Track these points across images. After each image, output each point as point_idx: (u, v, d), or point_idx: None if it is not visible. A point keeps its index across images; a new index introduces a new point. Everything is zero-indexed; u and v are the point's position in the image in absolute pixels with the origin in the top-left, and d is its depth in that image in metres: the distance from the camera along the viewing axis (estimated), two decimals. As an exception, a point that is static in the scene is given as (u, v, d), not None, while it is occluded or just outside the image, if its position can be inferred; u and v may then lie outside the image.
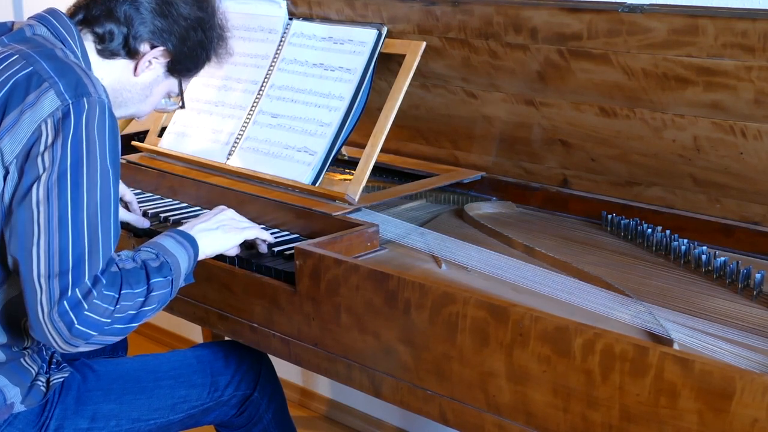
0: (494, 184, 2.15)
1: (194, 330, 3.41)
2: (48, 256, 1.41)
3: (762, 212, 1.76)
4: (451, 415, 1.52)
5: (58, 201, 1.42)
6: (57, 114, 1.45)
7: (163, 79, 1.70)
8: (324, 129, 2.07)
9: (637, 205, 1.93)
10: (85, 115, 1.46)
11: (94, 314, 1.41)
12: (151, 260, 1.53)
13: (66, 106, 1.45)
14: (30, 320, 1.43)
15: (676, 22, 1.61)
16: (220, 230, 1.72)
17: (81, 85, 1.48)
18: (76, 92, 1.47)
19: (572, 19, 1.74)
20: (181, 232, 1.64)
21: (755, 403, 1.17)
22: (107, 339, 1.45)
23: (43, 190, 1.42)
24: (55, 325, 1.40)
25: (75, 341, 1.42)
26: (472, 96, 2.05)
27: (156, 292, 1.50)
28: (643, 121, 1.80)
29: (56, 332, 1.41)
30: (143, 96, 1.70)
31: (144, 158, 2.40)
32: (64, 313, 1.40)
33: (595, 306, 1.54)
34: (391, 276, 1.54)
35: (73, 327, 1.40)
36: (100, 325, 1.42)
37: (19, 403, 1.59)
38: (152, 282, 1.49)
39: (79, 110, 1.46)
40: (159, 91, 1.72)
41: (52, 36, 1.60)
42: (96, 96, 1.48)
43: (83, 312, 1.41)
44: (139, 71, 1.66)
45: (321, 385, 3.10)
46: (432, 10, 1.96)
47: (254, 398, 1.91)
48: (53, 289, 1.40)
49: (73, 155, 1.43)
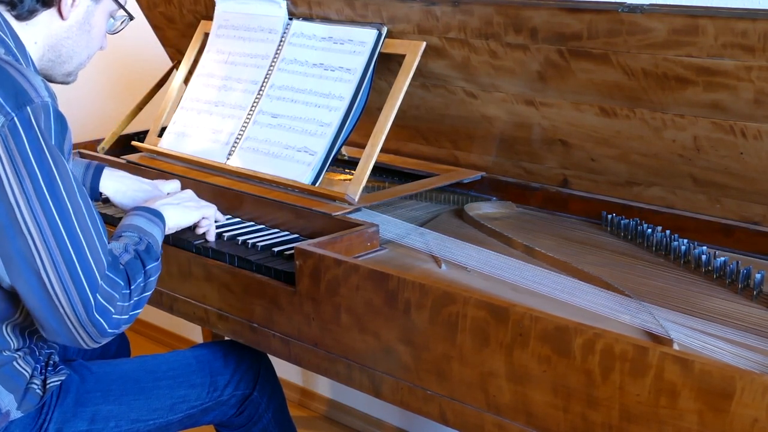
0: (494, 184, 2.15)
1: (194, 330, 3.41)
2: (57, 274, 1.42)
3: (762, 212, 1.76)
4: (451, 415, 1.52)
5: (47, 220, 1.41)
6: (3, 132, 1.38)
7: (95, 6, 1.61)
8: (324, 129, 2.07)
9: (637, 205, 1.93)
10: (34, 125, 1.40)
11: (118, 315, 1.48)
12: (138, 245, 1.57)
13: (11, 121, 1.39)
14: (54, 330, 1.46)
15: (676, 22, 1.61)
16: (181, 206, 1.79)
17: (21, 92, 1.41)
18: (17, 102, 1.40)
19: (572, 19, 1.74)
20: (149, 209, 1.69)
21: (755, 403, 1.17)
22: (122, 330, 1.51)
23: (29, 216, 1.41)
24: (87, 331, 1.46)
25: (102, 339, 1.49)
26: (472, 96, 2.05)
27: (152, 276, 1.57)
28: (643, 121, 1.80)
29: (88, 337, 1.47)
30: (85, 33, 1.61)
31: (144, 158, 2.40)
32: (96, 322, 1.45)
33: (595, 306, 1.54)
34: (391, 276, 1.54)
35: (105, 331, 1.47)
36: (122, 321, 1.49)
37: (15, 410, 1.58)
38: (147, 268, 1.55)
39: (26, 122, 1.40)
40: (98, 20, 1.63)
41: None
42: (39, 100, 1.42)
43: (112, 317, 1.47)
44: (65, 13, 1.57)
45: (321, 385, 3.11)
46: (432, 10, 1.96)
47: (254, 398, 1.91)
48: (75, 304, 1.43)
49: (41, 171, 1.40)
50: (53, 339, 1.49)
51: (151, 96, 2.65)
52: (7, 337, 1.58)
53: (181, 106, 2.41)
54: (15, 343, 1.60)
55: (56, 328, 1.45)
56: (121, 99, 3.34)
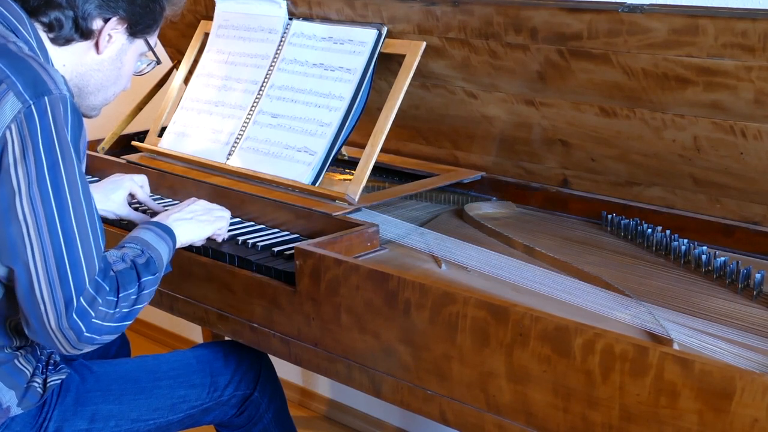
0: (494, 184, 2.15)
1: (194, 330, 3.41)
2: (45, 267, 1.40)
3: (762, 212, 1.76)
4: (451, 415, 1.52)
5: (44, 210, 1.40)
6: (20, 118, 1.39)
7: (129, 45, 1.63)
8: (324, 129, 2.07)
9: (637, 205, 1.93)
10: (49, 115, 1.40)
11: (99, 320, 1.43)
12: (138, 257, 1.54)
13: (28, 108, 1.39)
14: (34, 328, 1.44)
15: (676, 22, 1.61)
16: (194, 221, 1.74)
17: (40, 83, 1.42)
18: (35, 91, 1.41)
19: (572, 19, 1.74)
20: (159, 224, 1.64)
21: (755, 403, 1.17)
22: (105, 339, 1.46)
23: (27, 203, 1.39)
24: (64, 334, 1.42)
25: (82, 346, 1.44)
26: (472, 96, 2.05)
27: (146, 290, 1.52)
28: (643, 121, 1.80)
29: (65, 340, 1.42)
30: (116, 69, 1.64)
31: (144, 158, 2.39)
32: (74, 323, 1.41)
33: (595, 306, 1.54)
34: (391, 276, 1.54)
35: (82, 335, 1.42)
36: (104, 329, 1.45)
37: (15, 407, 1.58)
38: (143, 281, 1.51)
39: (42, 111, 1.40)
40: (129, 59, 1.65)
41: (2, 26, 1.51)
42: (57, 92, 1.42)
43: (91, 320, 1.42)
44: (102, 48, 1.59)
45: (321, 385, 3.11)
46: (432, 10, 1.96)
47: (254, 398, 1.91)
48: (58, 301, 1.40)
49: (48, 160, 1.40)
50: (34, 338, 1.46)
51: (151, 96, 2.65)
52: (10, 334, 1.58)
53: (181, 106, 2.41)
54: (17, 341, 1.60)
55: (36, 326, 1.42)
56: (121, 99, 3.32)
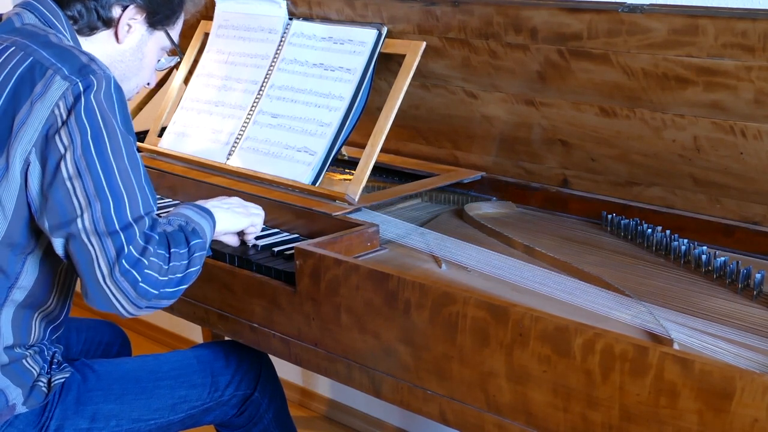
0: (494, 184, 2.16)
1: (194, 330, 3.41)
2: (94, 222, 1.43)
3: (762, 212, 1.76)
4: (451, 415, 1.52)
5: (90, 172, 1.44)
6: (67, 94, 1.46)
7: (149, 36, 1.68)
8: (324, 129, 2.07)
9: (637, 205, 1.93)
10: (94, 90, 1.47)
11: (153, 271, 1.45)
12: (185, 226, 1.56)
13: (75, 85, 1.47)
14: (90, 292, 1.45)
15: (676, 22, 1.61)
16: (231, 211, 1.76)
17: (84, 66, 1.49)
18: (81, 72, 1.48)
19: (572, 19, 1.74)
20: (199, 205, 1.66)
21: (755, 403, 1.17)
22: (162, 303, 1.48)
23: (72, 166, 1.44)
24: (119, 285, 1.42)
25: (140, 301, 1.44)
26: (472, 96, 2.05)
27: (197, 252, 1.53)
28: (643, 121, 1.80)
29: (121, 293, 1.43)
30: (137, 60, 1.69)
31: (144, 158, 2.39)
32: (126, 272, 1.42)
33: (595, 306, 1.54)
34: (391, 276, 1.54)
35: (138, 285, 1.43)
36: (159, 284, 1.46)
37: (20, 405, 1.59)
38: (192, 243, 1.53)
39: (89, 86, 1.47)
40: (151, 50, 1.70)
41: (41, 23, 1.60)
42: (102, 72, 1.50)
43: (144, 269, 1.43)
44: (121, 37, 1.65)
45: (321, 385, 3.11)
46: (432, 10, 1.96)
47: (254, 398, 1.90)
48: (108, 250, 1.42)
49: (91, 127, 1.45)
50: (93, 304, 1.46)
51: (151, 96, 2.65)
52: (33, 328, 1.60)
53: (181, 106, 2.41)
54: (34, 337, 1.62)
55: (91, 287, 1.44)
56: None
